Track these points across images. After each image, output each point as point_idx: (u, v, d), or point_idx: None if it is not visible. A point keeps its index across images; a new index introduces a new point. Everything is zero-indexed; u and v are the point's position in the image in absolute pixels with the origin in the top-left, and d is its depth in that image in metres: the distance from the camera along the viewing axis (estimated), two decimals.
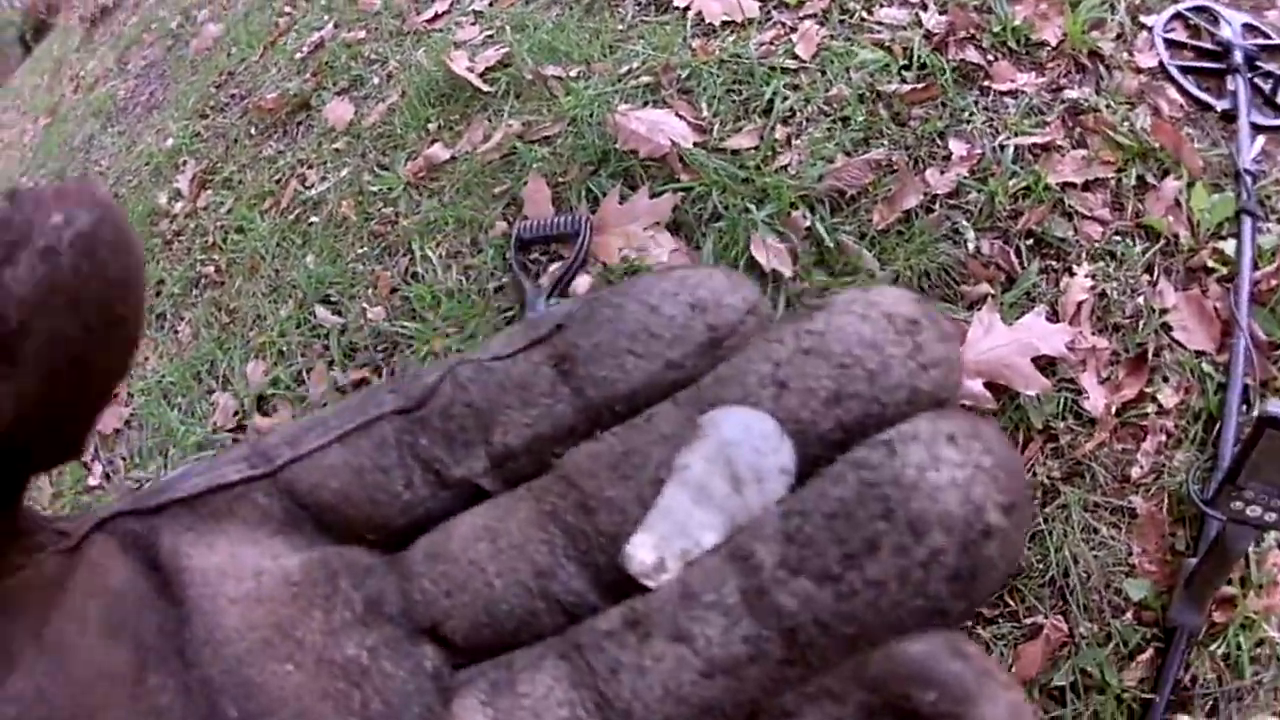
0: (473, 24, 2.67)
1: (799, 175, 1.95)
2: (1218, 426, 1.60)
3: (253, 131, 2.98)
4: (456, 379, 0.25)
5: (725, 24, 2.30)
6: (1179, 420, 1.63)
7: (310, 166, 2.69)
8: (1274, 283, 1.71)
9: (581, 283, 1.95)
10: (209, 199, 2.90)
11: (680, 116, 2.10)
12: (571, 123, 2.21)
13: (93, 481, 2.60)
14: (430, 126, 2.48)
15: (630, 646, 0.21)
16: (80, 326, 0.21)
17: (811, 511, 0.20)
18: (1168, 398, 1.65)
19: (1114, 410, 1.65)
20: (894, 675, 0.18)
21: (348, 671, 0.23)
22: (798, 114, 2.08)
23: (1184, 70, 2.06)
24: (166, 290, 2.79)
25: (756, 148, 2.03)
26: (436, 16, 2.79)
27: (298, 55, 3.06)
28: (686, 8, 2.37)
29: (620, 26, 2.44)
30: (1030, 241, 1.85)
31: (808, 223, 1.89)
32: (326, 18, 3.18)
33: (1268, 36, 2.15)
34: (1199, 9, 2.18)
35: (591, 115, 2.17)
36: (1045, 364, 1.67)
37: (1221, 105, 1.99)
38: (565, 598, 0.23)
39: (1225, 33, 2.09)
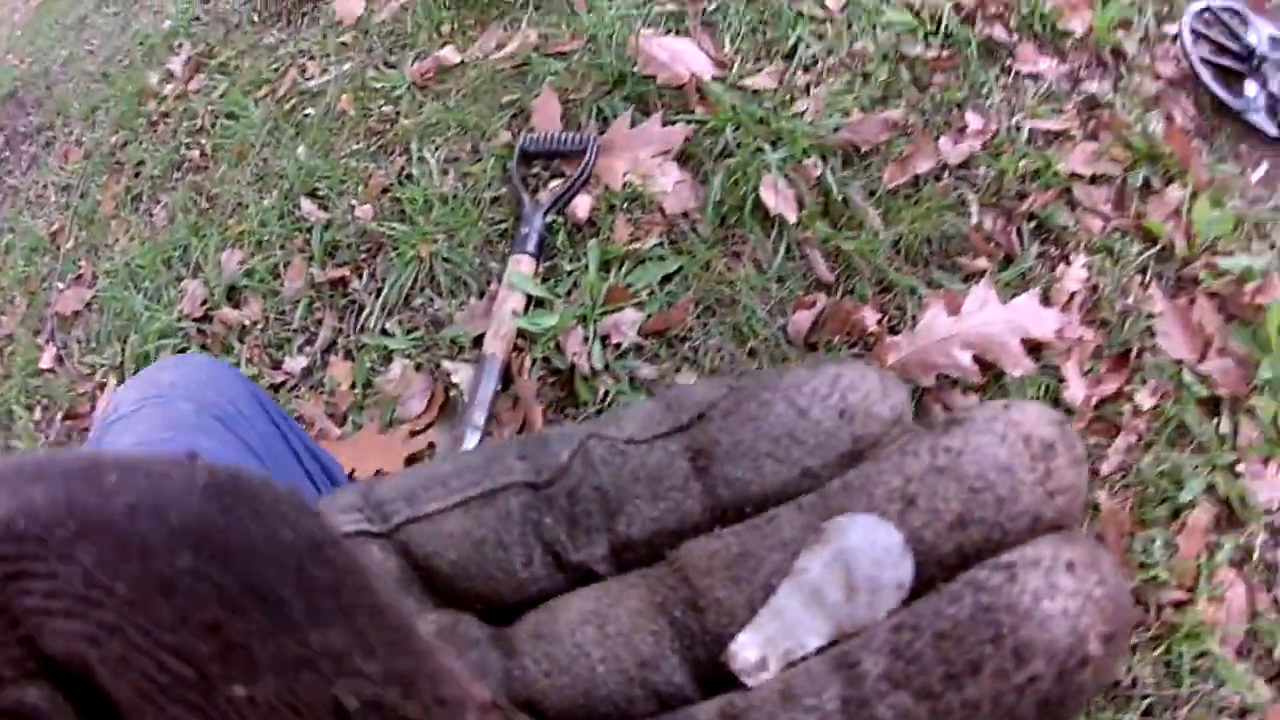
0: None
1: (815, 124, 1.93)
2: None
3: (255, 18, 2.91)
4: (589, 458, 0.24)
5: None
6: (1151, 423, 1.63)
7: (312, 58, 2.62)
8: (1258, 300, 1.70)
9: (582, 202, 1.91)
10: (202, 82, 2.84)
11: (702, 49, 2.07)
12: (590, 40, 2.17)
13: (44, 364, 2.55)
14: (443, 29, 2.42)
15: None
16: None
17: (924, 628, 0.20)
18: (1144, 399, 1.65)
19: (1092, 404, 1.65)
20: None
21: None
22: (820, 63, 2.05)
23: (1204, 63, 2.04)
24: (146, 172, 2.73)
25: (775, 90, 2.00)
26: None
27: None
28: None
29: None
30: (1033, 224, 1.85)
31: (818, 172, 1.88)
32: None
33: None
34: (1229, 10, 2.16)
35: (612, 35, 2.13)
36: (1032, 347, 1.67)
37: (1237, 105, 1.98)
38: (664, 689, 0.23)
39: (1252, 39, 2.05)
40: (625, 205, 1.90)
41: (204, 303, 2.27)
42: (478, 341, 1.86)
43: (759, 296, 1.78)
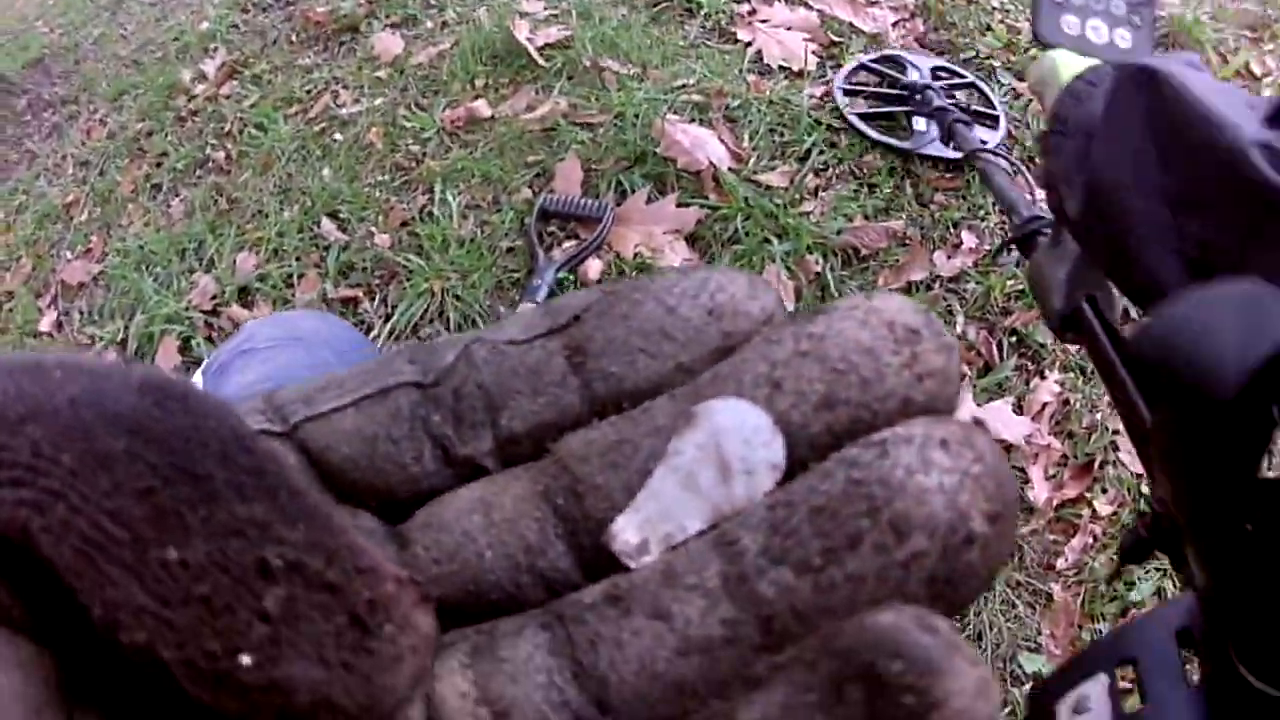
0: None
1: (820, 224, 2.05)
2: None
3: (293, 38, 2.99)
4: (471, 358, 0.25)
5: (782, 68, 2.41)
6: (1108, 528, 1.76)
7: (345, 87, 2.71)
8: None
9: (593, 265, 2.03)
10: (233, 89, 2.91)
11: (722, 141, 2.19)
12: (617, 117, 2.29)
13: (43, 327, 2.61)
14: (477, 83, 2.53)
15: (610, 620, 0.22)
16: None
17: (798, 504, 0.21)
18: (1102, 505, 1.79)
19: (1053, 505, 1.78)
20: (863, 645, 0.18)
21: None
22: (830, 169, 2.18)
23: (866, 117, 2.21)
24: (168, 164, 2.80)
25: (786, 189, 2.13)
26: None
27: None
28: (749, 43, 2.48)
29: (681, 42, 2.53)
30: (1013, 339, 1.97)
31: (819, 269, 1.99)
32: None
33: (961, 76, 2.32)
34: (886, 59, 2.34)
35: (639, 116, 2.26)
36: (1002, 449, 1.79)
37: (905, 145, 2.16)
38: (551, 574, 0.24)
39: (913, 77, 2.23)
40: (634, 274, 2.02)
41: (214, 297, 2.36)
42: None
43: None
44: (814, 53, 2.43)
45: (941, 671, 0.17)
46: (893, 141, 2.16)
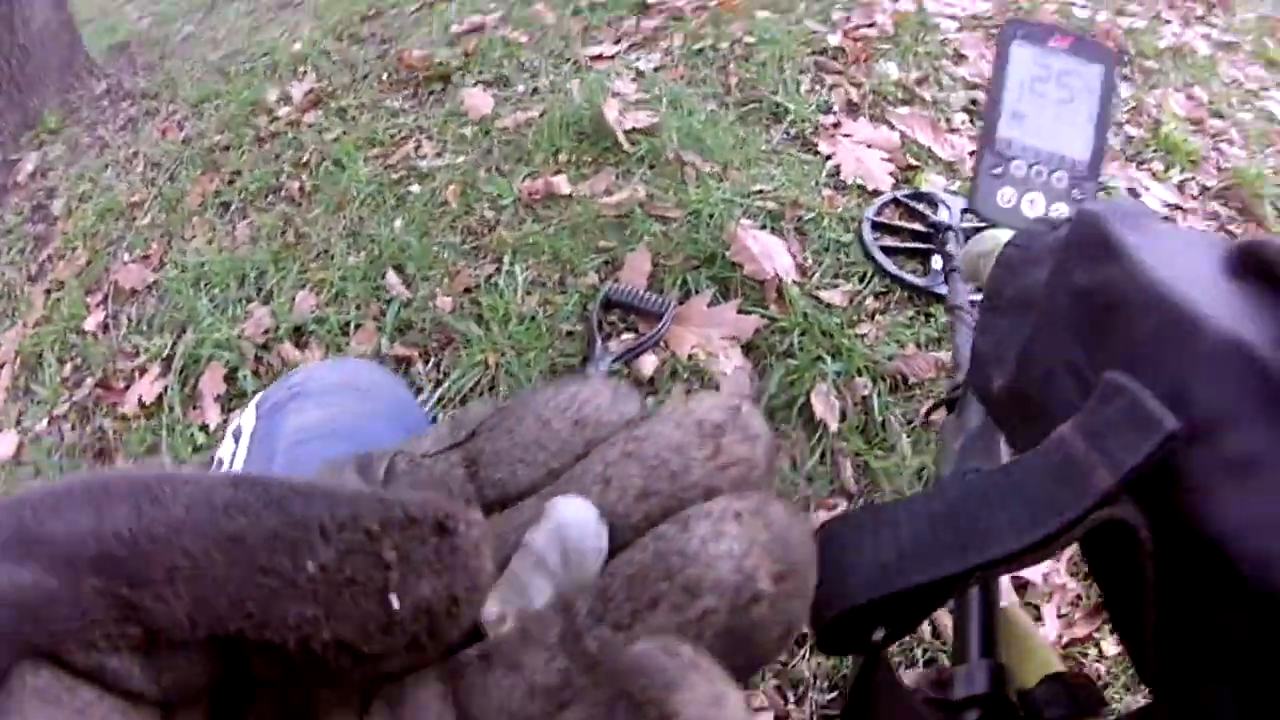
0: (633, 80, 2.77)
1: (873, 348, 2.07)
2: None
3: (384, 77, 3.04)
4: (394, 471, 0.30)
5: (857, 186, 2.44)
6: (1112, 668, 1.77)
7: (430, 138, 2.75)
8: None
9: (648, 361, 2.05)
10: (316, 119, 2.96)
11: (790, 252, 2.22)
12: (693, 214, 2.32)
13: (88, 326, 2.64)
14: (560, 157, 2.57)
15: (482, 673, 0.26)
16: None
17: (618, 574, 0.25)
18: (1110, 646, 1.79)
19: (1062, 641, 1.79)
20: (623, 669, 0.22)
21: None
22: (891, 294, 2.20)
23: (887, 250, 2.17)
24: (241, 183, 2.84)
25: (845, 308, 2.15)
26: (601, 57, 2.89)
27: (454, 28, 3.12)
28: (829, 156, 2.51)
29: (764, 146, 2.56)
30: None
31: (866, 392, 2.01)
32: (494, 5, 3.25)
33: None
34: (918, 195, 2.32)
35: (713, 216, 2.29)
36: (1020, 584, 1.83)
37: (922, 282, 2.11)
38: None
39: (942, 216, 2.18)
40: (686, 375, 2.04)
41: (267, 331, 2.38)
42: None
43: (787, 489, 1.91)
44: (890, 173, 2.46)
45: (677, 686, 0.21)
46: (908, 277, 2.13)
